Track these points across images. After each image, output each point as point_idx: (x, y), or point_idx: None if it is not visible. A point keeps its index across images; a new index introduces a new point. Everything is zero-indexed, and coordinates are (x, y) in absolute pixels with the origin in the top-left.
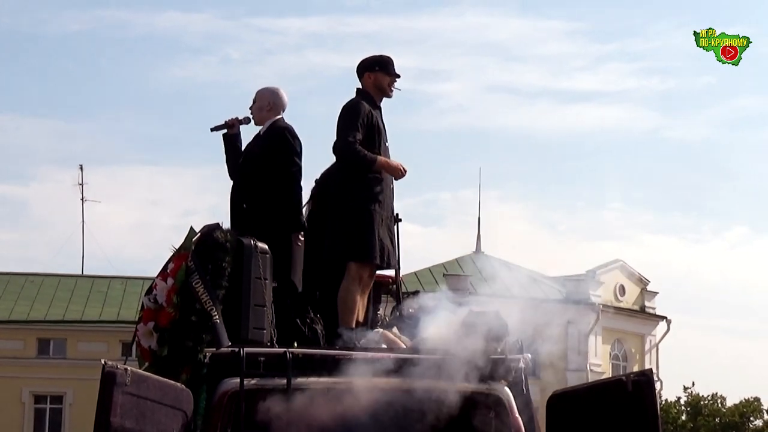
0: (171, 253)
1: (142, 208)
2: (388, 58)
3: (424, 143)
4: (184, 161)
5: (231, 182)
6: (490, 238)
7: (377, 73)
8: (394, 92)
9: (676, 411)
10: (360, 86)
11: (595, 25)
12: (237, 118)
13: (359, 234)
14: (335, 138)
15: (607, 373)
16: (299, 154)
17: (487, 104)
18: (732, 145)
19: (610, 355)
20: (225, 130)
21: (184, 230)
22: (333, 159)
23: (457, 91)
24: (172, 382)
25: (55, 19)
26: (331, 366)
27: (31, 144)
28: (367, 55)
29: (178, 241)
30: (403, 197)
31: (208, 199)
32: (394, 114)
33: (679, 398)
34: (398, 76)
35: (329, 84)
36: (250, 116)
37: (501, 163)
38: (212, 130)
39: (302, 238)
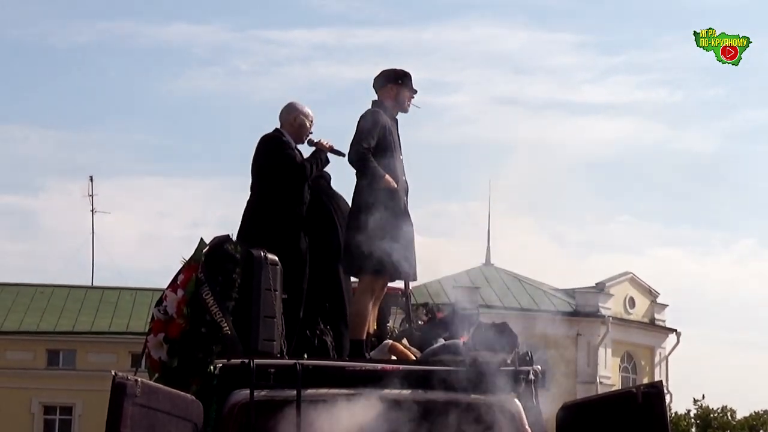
0: (181, 265)
1: (151, 220)
2: (409, 73)
3: (431, 155)
4: (193, 172)
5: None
6: (500, 251)
7: (400, 87)
8: (414, 109)
9: (686, 424)
10: (376, 97)
11: (603, 37)
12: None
13: (371, 247)
14: (351, 143)
15: (617, 386)
16: None
17: (494, 116)
18: (740, 158)
19: (620, 367)
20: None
21: (193, 241)
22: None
23: (464, 103)
24: (183, 393)
25: (63, 30)
26: (341, 377)
27: (39, 155)
28: (381, 68)
29: (188, 253)
30: (411, 209)
31: (217, 210)
32: (401, 126)
33: (689, 411)
34: (416, 92)
35: (337, 96)
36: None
37: (508, 175)
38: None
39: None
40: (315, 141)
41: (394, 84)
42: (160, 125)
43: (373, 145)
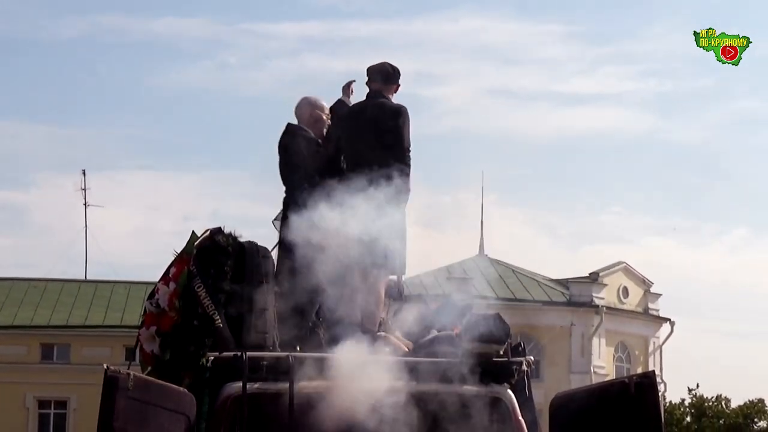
0: (173, 258)
1: (143, 213)
2: None
3: (421, 147)
4: (183, 166)
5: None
6: (493, 241)
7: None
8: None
9: (680, 413)
10: (374, 88)
11: (592, 28)
12: None
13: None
14: (397, 136)
15: (611, 375)
16: None
17: (484, 108)
18: (730, 147)
19: (614, 357)
20: None
21: (185, 235)
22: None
23: (454, 95)
24: (175, 386)
25: (52, 24)
26: (333, 370)
27: (29, 150)
28: (370, 60)
29: (179, 246)
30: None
31: (208, 203)
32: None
33: (683, 400)
34: None
35: (326, 88)
36: None
37: (499, 166)
38: None
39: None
40: None
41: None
42: (150, 119)
43: None
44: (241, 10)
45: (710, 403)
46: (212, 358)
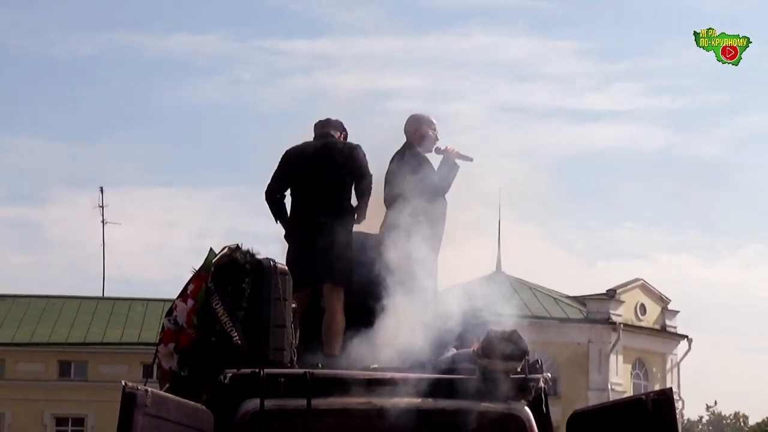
0: (191, 275)
1: (159, 230)
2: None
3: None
4: (197, 182)
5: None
6: (510, 258)
7: None
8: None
9: (698, 430)
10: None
11: (604, 44)
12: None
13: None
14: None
15: (628, 392)
16: None
17: (497, 124)
18: (743, 163)
19: (631, 374)
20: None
21: (201, 251)
22: None
23: (467, 112)
24: (193, 403)
25: (66, 42)
26: (351, 387)
27: (45, 166)
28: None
29: (196, 262)
30: None
31: (222, 220)
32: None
33: (701, 417)
34: None
35: (339, 106)
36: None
37: (515, 182)
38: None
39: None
40: (442, 149)
41: None
42: (164, 136)
43: None
44: (253, 27)
45: (728, 421)
46: (230, 374)
